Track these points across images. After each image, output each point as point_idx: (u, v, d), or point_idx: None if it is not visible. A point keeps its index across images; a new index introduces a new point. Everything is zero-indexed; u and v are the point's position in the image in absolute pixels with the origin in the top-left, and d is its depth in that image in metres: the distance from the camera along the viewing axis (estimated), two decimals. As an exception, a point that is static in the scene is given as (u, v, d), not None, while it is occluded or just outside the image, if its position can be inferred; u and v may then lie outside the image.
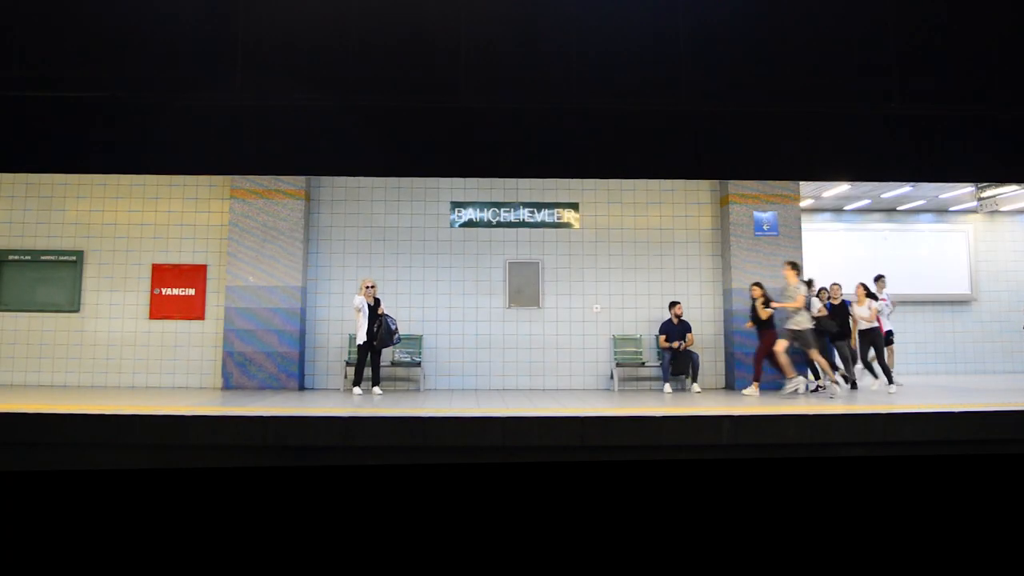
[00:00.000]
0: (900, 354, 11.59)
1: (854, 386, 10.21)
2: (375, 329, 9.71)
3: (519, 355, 10.99)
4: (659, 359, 10.81)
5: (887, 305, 10.84)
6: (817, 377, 10.42)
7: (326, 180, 11.22)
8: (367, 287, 9.87)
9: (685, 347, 10.41)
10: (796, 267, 9.76)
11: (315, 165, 5.26)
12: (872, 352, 10.37)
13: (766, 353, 9.68)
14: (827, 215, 13.77)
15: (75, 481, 1.68)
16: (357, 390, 9.77)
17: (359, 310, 9.69)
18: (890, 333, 10.82)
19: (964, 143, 4.91)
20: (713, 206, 11.49)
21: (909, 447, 7.44)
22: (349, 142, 4.75)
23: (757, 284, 9.85)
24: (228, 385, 10.38)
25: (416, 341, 10.82)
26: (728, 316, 10.98)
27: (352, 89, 4.61)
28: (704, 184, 11.48)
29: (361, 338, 9.69)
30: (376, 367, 9.90)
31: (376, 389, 9.86)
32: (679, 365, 10.44)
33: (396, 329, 9.90)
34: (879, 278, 11.09)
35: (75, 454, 7.12)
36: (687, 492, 1.78)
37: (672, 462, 1.86)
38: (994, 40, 4.86)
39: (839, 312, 10.37)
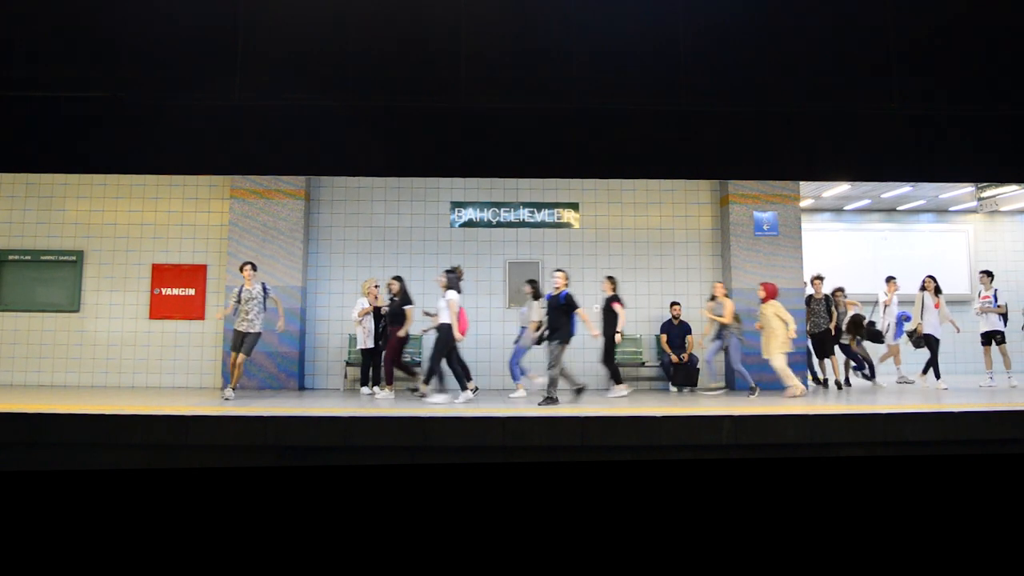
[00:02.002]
0: (900, 354, 11.53)
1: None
2: (380, 330, 9.73)
3: (519, 355, 10.97)
4: (659, 359, 10.81)
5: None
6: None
7: (326, 180, 11.21)
8: (375, 285, 9.89)
9: (687, 357, 10.40)
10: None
11: (315, 165, 5.26)
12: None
13: (392, 355, 9.44)
14: (827, 215, 13.76)
15: (75, 481, 1.68)
16: (365, 389, 9.80)
17: (360, 322, 9.68)
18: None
19: (964, 143, 4.91)
20: (713, 206, 11.48)
21: (909, 447, 7.44)
22: (349, 142, 4.75)
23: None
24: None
25: (416, 341, 10.81)
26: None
27: (352, 89, 4.61)
28: (704, 184, 11.47)
29: (369, 343, 9.69)
30: (377, 367, 9.90)
31: (376, 389, 9.86)
32: (681, 376, 10.41)
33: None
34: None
35: (75, 454, 7.13)
36: (687, 492, 1.78)
37: (672, 462, 1.86)
38: (994, 40, 4.86)
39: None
